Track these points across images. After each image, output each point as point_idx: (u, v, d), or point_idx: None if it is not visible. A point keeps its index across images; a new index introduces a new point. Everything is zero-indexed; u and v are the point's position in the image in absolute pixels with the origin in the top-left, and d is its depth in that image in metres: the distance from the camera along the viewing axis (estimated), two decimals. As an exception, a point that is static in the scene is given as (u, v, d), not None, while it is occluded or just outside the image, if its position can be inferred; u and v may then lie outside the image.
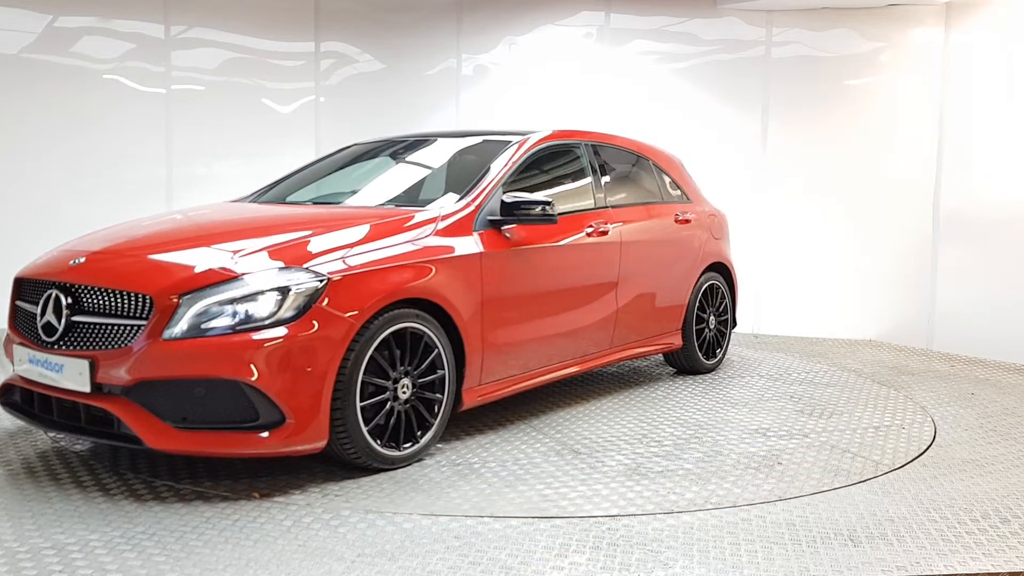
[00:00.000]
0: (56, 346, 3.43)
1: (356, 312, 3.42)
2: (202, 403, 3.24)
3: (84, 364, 3.31)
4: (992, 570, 2.87)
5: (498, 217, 4.17)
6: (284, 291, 3.30)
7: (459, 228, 4.02)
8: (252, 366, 3.19)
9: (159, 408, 3.23)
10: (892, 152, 7.33)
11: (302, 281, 3.34)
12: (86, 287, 3.46)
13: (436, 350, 3.78)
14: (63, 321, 3.43)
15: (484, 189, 4.25)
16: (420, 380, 3.73)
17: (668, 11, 7.62)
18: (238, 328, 3.23)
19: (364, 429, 3.49)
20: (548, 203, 4.21)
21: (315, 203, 4.63)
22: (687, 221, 5.64)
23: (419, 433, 3.77)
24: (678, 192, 5.80)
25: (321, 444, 3.39)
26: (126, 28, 7.08)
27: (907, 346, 7.15)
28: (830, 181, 7.48)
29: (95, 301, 3.42)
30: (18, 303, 3.75)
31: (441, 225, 3.96)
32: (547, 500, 3.39)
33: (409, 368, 3.67)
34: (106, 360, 3.28)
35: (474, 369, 4.02)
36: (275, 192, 4.95)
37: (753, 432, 4.37)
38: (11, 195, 6.85)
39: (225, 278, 3.32)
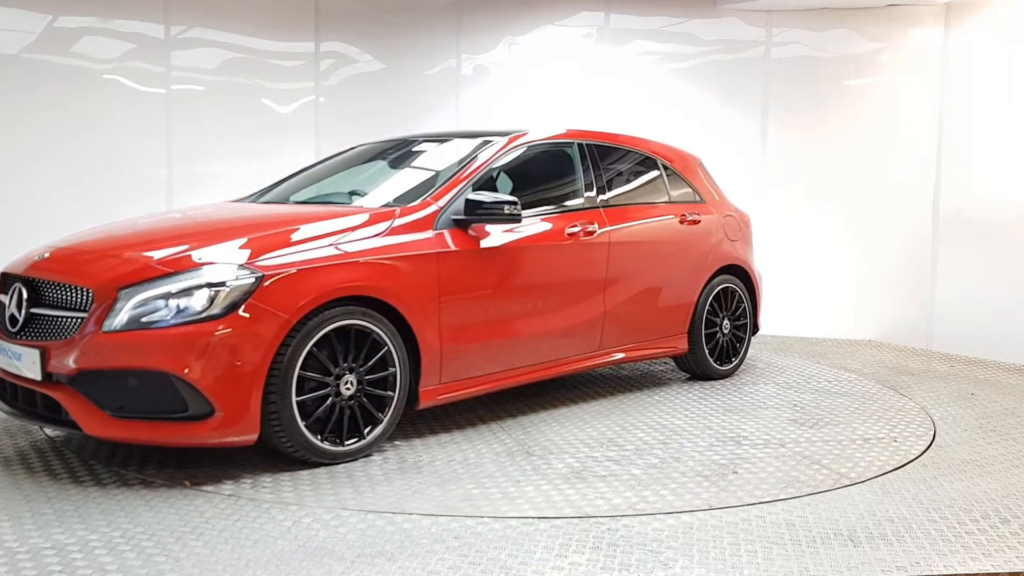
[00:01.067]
0: (18, 336, 3.64)
1: (291, 309, 3.49)
2: (136, 393, 3.38)
3: (36, 354, 3.50)
4: (992, 570, 2.87)
5: (462, 216, 4.17)
6: (217, 287, 3.42)
7: (417, 227, 4.04)
8: (181, 359, 3.33)
9: (98, 397, 3.39)
10: (892, 152, 7.33)
11: (236, 278, 3.45)
12: (43, 281, 3.69)
13: (385, 347, 3.81)
14: (23, 313, 3.66)
15: (448, 189, 4.26)
16: (369, 377, 3.78)
17: (668, 11, 7.62)
18: (172, 322, 3.37)
19: (301, 423, 3.56)
20: (513, 202, 4.18)
21: (303, 203, 4.63)
22: (695, 222, 5.50)
23: (367, 429, 3.81)
24: (689, 192, 5.66)
25: (252, 437, 3.48)
26: (126, 28, 7.07)
27: (907, 346, 7.15)
28: (830, 181, 7.47)
29: (49, 294, 3.64)
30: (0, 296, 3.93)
31: (397, 223, 4.00)
32: (465, 500, 3.37)
33: (354, 364, 3.72)
34: (55, 350, 3.46)
35: (432, 368, 4.03)
36: (277, 192, 4.98)
37: (728, 440, 4.26)
38: (11, 195, 6.84)
39: (162, 273, 3.46)
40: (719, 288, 5.63)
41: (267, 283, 3.48)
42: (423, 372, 4.00)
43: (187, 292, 3.41)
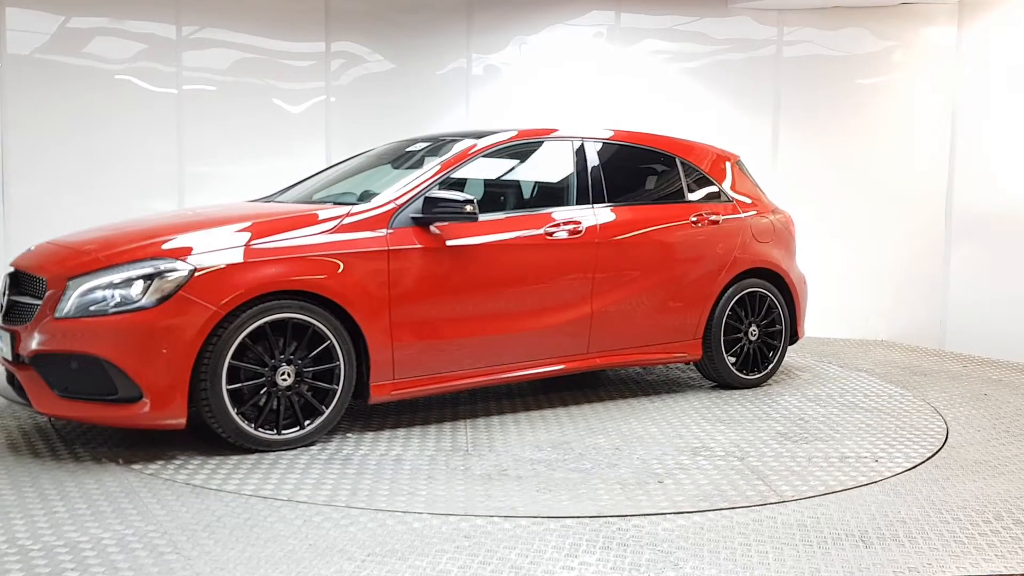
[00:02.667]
0: (4, 321, 3.99)
1: (221, 301, 3.68)
2: (77, 376, 3.67)
3: (8, 337, 3.86)
4: (1005, 572, 2.85)
5: (420, 215, 4.22)
6: (150, 278, 3.67)
7: (368, 225, 4.13)
8: (112, 345, 3.60)
9: (50, 377, 3.70)
10: (904, 151, 7.30)
11: (169, 270, 3.69)
12: (21, 272, 4.06)
13: (328, 341, 3.92)
14: (5, 300, 4.05)
15: (410, 187, 4.32)
16: (314, 369, 3.92)
17: (679, 10, 7.60)
18: (111, 311, 3.63)
19: (232, 411, 3.75)
20: (470, 201, 4.20)
21: (310, 202, 4.70)
22: (714, 223, 5.25)
23: (308, 420, 3.95)
24: (713, 192, 5.41)
25: (181, 421, 3.70)
26: (138, 29, 7.10)
27: (920, 346, 7.12)
28: (841, 180, 7.45)
29: (24, 284, 4.00)
30: None
31: (347, 221, 4.10)
32: (353, 493, 3.44)
33: (292, 356, 3.86)
34: (23, 334, 3.79)
35: (383, 364, 4.09)
36: (298, 190, 5.05)
37: (685, 450, 4.07)
38: (24, 193, 6.89)
39: (106, 265, 3.73)
40: (744, 293, 5.34)
41: (199, 276, 3.69)
42: (373, 368, 4.07)
43: (126, 283, 3.66)
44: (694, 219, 5.22)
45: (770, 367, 5.49)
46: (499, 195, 5.03)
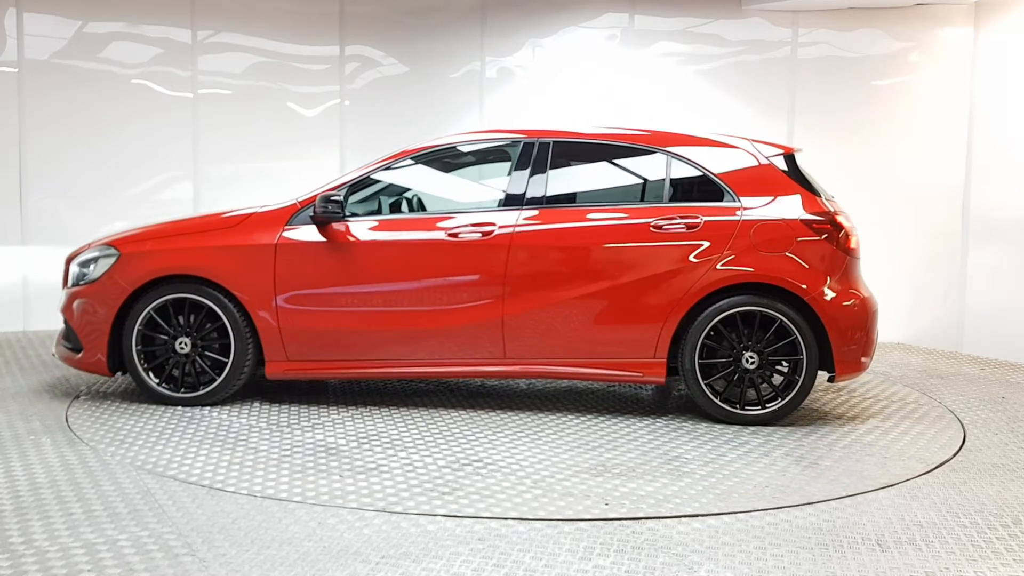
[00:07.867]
0: None
1: (130, 281, 4.67)
2: (67, 330, 4.89)
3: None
4: (1023, 577, 2.83)
5: (313, 214, 4.69)
6: (96, 261, 4.80)
7: (267, 222, 4.74)
8: (70, 308, 4.81)
9: (64, 330, 4.92)
10: (920, 153, 7.25)
11: (106, 255, 4.77)
12: None
13: (221, 321, 4.67)
14: None
15: (322, 189, 4.75)
16: (219, 342, 4.69)
17: (693, 12, 7.58)
18: (81, 283, 4.81)
19: (140, 368, 4.72)
20: (339, 202, 4.64)
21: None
22: (692, 227, 4.54)
23: (203, 385, 4.71)
24: (713, 192, 4.64)
25: (103, 370, 4.74)
26: (154, 33, 7.15)
27: (936, 349, 7.07)
28: (857, 182, 7.39)
29: None
30: None
31: (250, 220, 4.77)
32: (196, 469, 3.72)
33: (188, 329, 4.70)
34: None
35: (273, 344, 4.70)
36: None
37: (446, 458, 3.90)
38: (41, 199, 6.95)
39: (86, 249, 4.91)
40: (734, 311, 4.50)
41: (120, 261, 4.71)
42: (264, 347, 4.70)
43: (88, 263, 4.81)
44: (656, 225, 4.57)
45: (777, 406, 4.52)
46: (425, 198, 5.17)
